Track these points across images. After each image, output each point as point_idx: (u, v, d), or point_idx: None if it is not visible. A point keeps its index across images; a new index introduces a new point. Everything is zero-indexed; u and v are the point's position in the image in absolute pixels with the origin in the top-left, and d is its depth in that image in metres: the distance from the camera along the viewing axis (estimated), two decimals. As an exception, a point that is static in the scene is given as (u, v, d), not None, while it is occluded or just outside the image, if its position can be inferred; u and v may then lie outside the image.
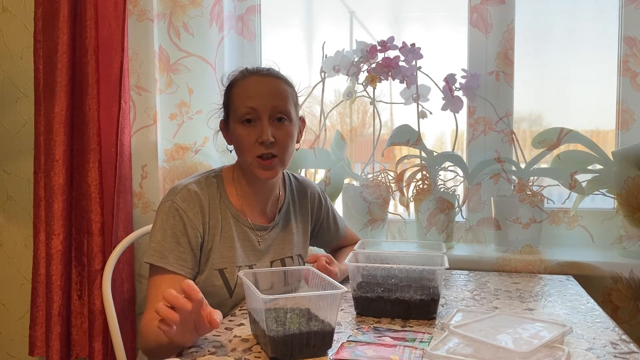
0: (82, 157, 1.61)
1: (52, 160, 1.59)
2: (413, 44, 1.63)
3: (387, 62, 1.64)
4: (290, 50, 1.88)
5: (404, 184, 1.68)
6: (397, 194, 1.70)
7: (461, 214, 1.70)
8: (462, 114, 1.71)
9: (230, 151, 1.29)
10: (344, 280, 1.32)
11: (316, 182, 1.64)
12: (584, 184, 1.58)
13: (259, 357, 0.90)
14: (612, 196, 1.58)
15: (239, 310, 1.18)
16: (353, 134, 1.84)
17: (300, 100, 1.32)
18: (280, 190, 1.35)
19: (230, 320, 1.10)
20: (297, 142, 1.29)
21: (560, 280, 1.42)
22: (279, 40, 1.91)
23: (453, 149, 1.69)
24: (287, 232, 1.35)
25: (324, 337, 0.90)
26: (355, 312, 1.13)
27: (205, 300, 0.90)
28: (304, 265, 1.34)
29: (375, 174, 1.71)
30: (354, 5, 1.88)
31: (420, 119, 1.67)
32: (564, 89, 1.73)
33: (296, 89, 1.29)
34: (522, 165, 1.63)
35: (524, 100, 1.73)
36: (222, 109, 1.29)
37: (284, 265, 1.31)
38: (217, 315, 0.91)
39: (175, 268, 1.14)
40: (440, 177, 1.67)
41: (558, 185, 1.59)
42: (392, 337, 0.96)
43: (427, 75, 1.66)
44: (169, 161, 1.68)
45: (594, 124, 1.75)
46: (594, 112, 1.75)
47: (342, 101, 1.76)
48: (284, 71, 1.28)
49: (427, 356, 0.84)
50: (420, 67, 1.65)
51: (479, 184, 1.67)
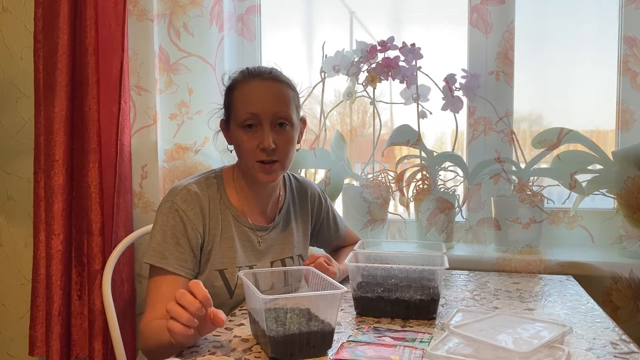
0: (82, 157, 1.61)
1: (52, 160, 1.59)
2: (413, 44, 1.63)
3: (387, 62, 1.64)
4: (290, 50, 1.88)
5: (404, 184, 1.68)
6: (397, 194, 1.70)
7: (461, 214, 1.70)
8: (462, 114, 1.71)
9: (231, 151, 1.28)
10: (344, 280, 1.32)
11: (316, 182, 1.64)
12: (584, 184, 1.58)
13: (259, 357, 0.90)
14: (612, 196, 1.58)
15: (239, 310, 1.18)
16: (353, 134, 1.83)
17: (301, 100, 1.31)
18: (280, 190, 1.35)
19: (230, 320, 1.10)
20: (298, 142, 1.28)
21: (560, 280, 1.42)
22: (279, 40, 1.91)
23: (453, 149, 1.69)
24: (287, 232, 1.34)
25: (324, 337, 0.90)
26: (355, 312, 1.13)
27: (210, 299, 0.90)
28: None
29: (375, 174, 1.71)
30: (354, 5, 1.88)
31: (420, 119, 1.67)
32: (564, 89, 1.73)
33: (298, 91, 1.28)
34: (522, 165, 1.63)
35: (524, 100, 1.73)
36: (223, 109, 1.29)
37: (284, 265, 1.31)
38: (221, 314, 0.91)
39: (175, 269, 1.14)
40: (440, 177, 1.67)
41: (558, 185, 1.59)
42: (392, 337, 0.96)
43: (427, 75, 1.66)
44: (169, 161, 1.68)
45: (594, 124, 1.75)
46: (594, 112, 1.75)
47: (342, 101, 1.76)
48: (284, 71, 1.27)
49: (427, 356, 0.84)
50: (420, 67, 1.65)
51: (479, 184, 1.67)
